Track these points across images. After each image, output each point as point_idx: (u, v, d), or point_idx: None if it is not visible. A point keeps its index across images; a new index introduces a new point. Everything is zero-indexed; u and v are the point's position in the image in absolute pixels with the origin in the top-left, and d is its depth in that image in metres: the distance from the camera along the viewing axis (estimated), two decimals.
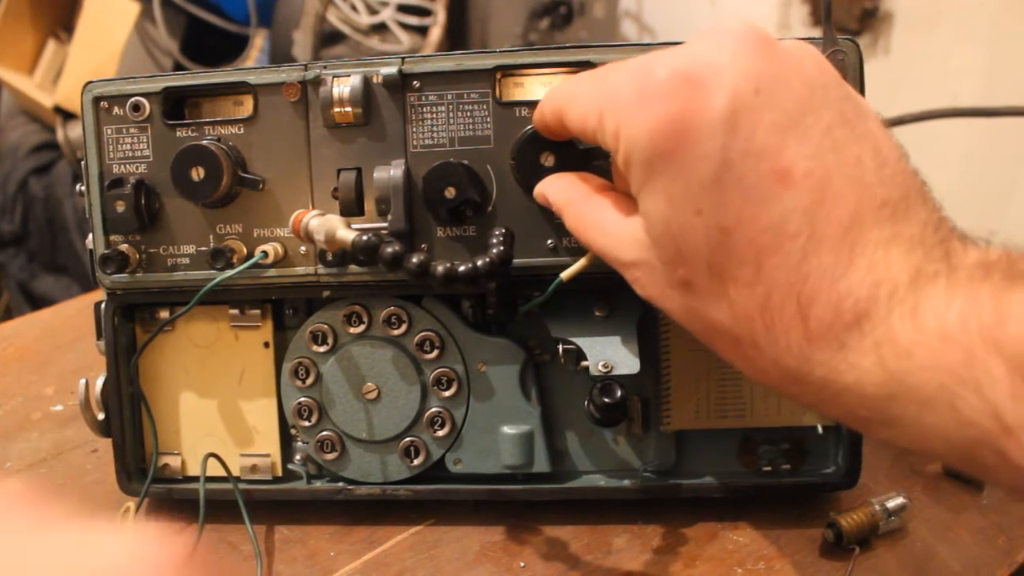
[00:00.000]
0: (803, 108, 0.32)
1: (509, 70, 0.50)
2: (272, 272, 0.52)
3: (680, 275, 0.34)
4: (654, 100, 0.33)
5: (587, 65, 0.50)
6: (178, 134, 0.52)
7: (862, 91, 0.49)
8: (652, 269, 0.36)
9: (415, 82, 0.50)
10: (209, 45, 1.77)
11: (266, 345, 0.55)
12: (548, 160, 0.49)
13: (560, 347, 0.52)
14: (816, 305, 0.31)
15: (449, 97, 0.50)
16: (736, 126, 0.31)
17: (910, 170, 0.33)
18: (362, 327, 0.54)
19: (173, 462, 0.56)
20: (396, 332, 0.53)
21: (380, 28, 1.81)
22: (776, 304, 0.31)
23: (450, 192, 0.49)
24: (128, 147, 0.52)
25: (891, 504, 0.51)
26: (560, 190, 0.43)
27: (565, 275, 0.48)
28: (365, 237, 0.46)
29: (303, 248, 0.52)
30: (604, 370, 0.49)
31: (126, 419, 0.55)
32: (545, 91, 0.50)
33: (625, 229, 0.37)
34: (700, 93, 0.32)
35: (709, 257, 0.32)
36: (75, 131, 1.66)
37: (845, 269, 0.30)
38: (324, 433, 0.54)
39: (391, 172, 0.50)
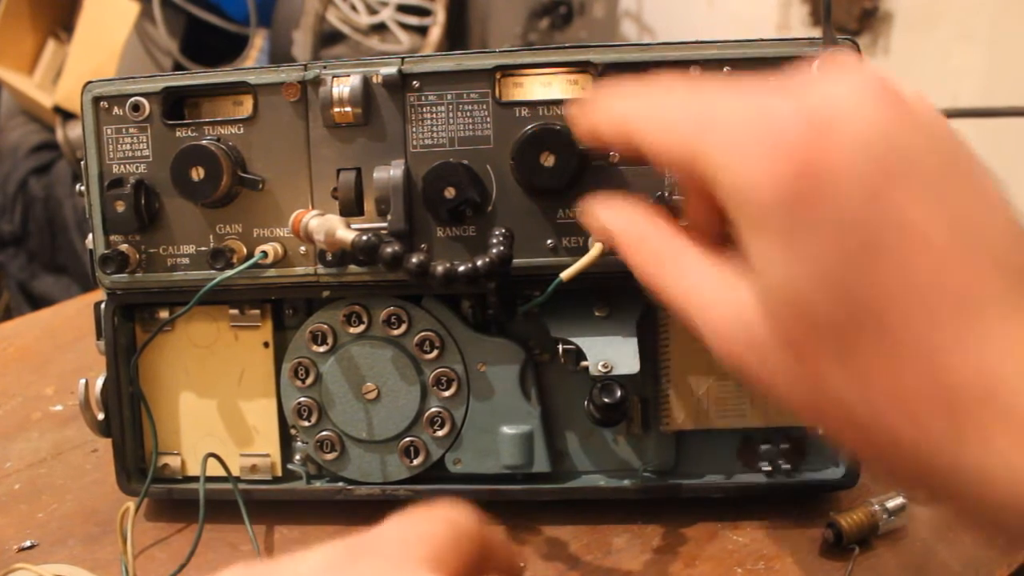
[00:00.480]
0: (942, 173, 0.29)
1: (509, 70, 0.50)
2: (272, 272, 0.52)
3: (802, 353, 0.29)
4: (778, 144, 0.28)
5: (587, 65, 0.50)
6: (178, 134, 0.52)
7: None
8: (754, 335, 0.31)
9: (415, 82, 0.50)
10: (209, 45, 1.77)
11: (266, 345, 0.55)
12: (548, 160, 0.49)
13: (560, 347, 0.52)
14: (954, 378, 0.27)
15: (449, 97, 0.50)
16: (875, 185, 0.28)
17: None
18: (362, 327, 0.54)
19: (173, 462, 0.56)
20: (396, 332, 0.53)
21: (380, 28, 1.82)
22: (911, 377, 0.28)
23: (450, 192, 0.49)
24: (128, 147, 0.52)
25: (891, 504, 0.51)
26: (628, 226, 0.36)
27: (565, 275, 0.48)
28: (365, 237, 0.46)
29: (303, 248, 0.52)
30: (604, 370, 0.49)
31: (126, 419, 0.55)
32: (545, 91, 0.51)
33: (725, 283, 0.32)
34: (835, 144, 0.28)
35: (842, 326, 0.28)
36: (75, 131, 1.66)
37: (989, 342, 0.27)
38: (324, 433, 0.54)
39: (391, 172, 0.50)
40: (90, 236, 0.53)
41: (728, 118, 0.30)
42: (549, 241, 0.51)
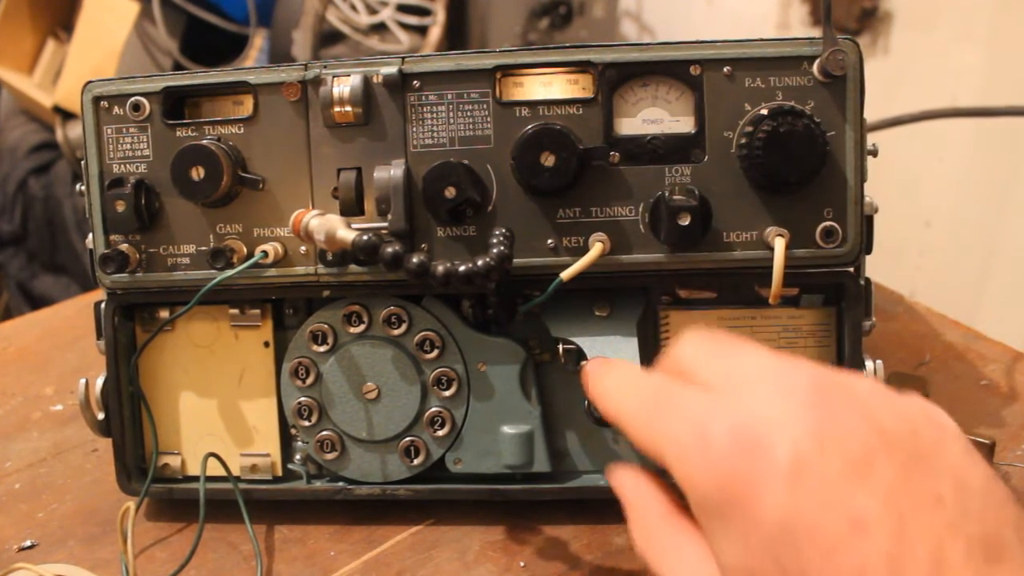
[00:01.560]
0: (871, 453, 0.31)
1: (509, 70, 0.50)
2: (272, 272, 0.52)
3: None
4: (716, 459, 0.33)
5: (587, 65, 0.50)
6: (178, 134, 0.52)
7: (862, 91, 0.49)
8: None
9: (415, 82, 0.50)
10: (209, 45, 1.77)
11: (266, 345, 0.55)
12: (548, 160, 0.49)
13: (560, 347, 0.52)
14: None
15: (449, 97, 0.50)
16: (801, 481, 0.31)
17: (1001, 500, 0.31)
18: (362, 327, 0.54)
19: (173, 462, 0.56)
20: (396, 332, 0.53)
21: (380, 28, 1.81)
22: None
23: (450, 192, 0.49)
24: (128, 147, 0.52)
25: None
26: (638, 496, 0.41)
27: (565, 275, 0.48)
28: (365, 237, 0.46)
29: (303, 248, 0.52)
30: None
31: (126, 419, 0.55)
32: (545, 91, 0.51)
33: (701, 568, 0.36)
34: (761, 453, 0.32)
35: None
36: (74, 131, 1.66)
37: None
38: (324, 433, 0.54)
39: (391, 172, 0.50)
40: (90, 236, 0.53)
41: (676, 438, 0.35)
42: (549, 241, 0.51)
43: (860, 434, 0.32)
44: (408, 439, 0.54)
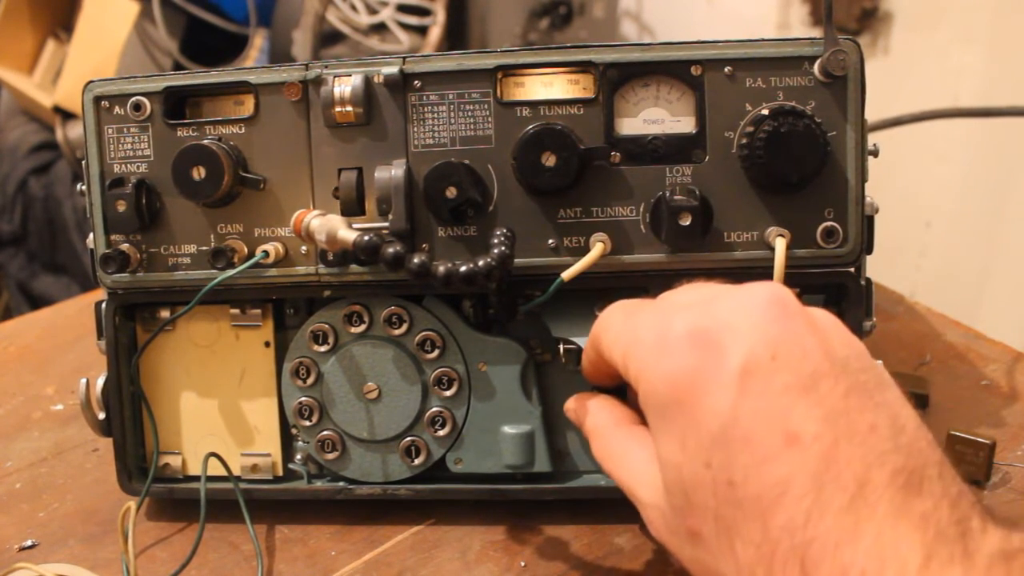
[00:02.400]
0: (819, 374, 0.32)
1: (510, 70, 0.50)
2: (273, 272, 0.52)
3: (689, 525, 0.34)
4: (671, 353, 0.34)
5: (588, 65, 0.50)
6: (179, 134, 0.52)
7: (863, 92, 0.49)
8: (664, 514, 0.36)
9: (416, 82, 0.50)
10: (209, 45, 1.77)
11: (267, 345, 0.55)
12: (549, 160, 0.49)
13: (561, 347, 0.52)
14: (820, 571, 0.30)
15: (450, 97, 0.50)
16: (748, 386, 0.32)
17: (929, 442, 0.33)
18: (363, 327, 0.54)
19: (174, 462, 0.56)
20: (397, 332, 0.53)
21: (380, 28, 1.81)
22: (780, 564, 0.31)
23: (451, 192, 0.49)
24: (129, 147, 0.52)
25: None
26: (591, 415, 0.44)
27: (566, 275, 0.48)
28: (366, 237, 0.46)
29: (304, 248, 0.52)
30: None
31: (127, 419, 0.55)
32: (546, 91, 0.51)
33: (648, 469, 0.38)
34: (716, 352, 0.33)
35: (717, 510, 0.33)
36: (74, 131, 1.66)
37: (851, 537, 0.30)
38: (325, 433, 0.54)
39: (392, 172, 0.50)
40: (91, 236, 0.53)
41: (640, 333, 0.37)
42: (550, 241, 0.51)
43: (812, 354, 0.33)
44: (409, 439, 0.54)
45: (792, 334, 0.33)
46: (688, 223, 0.48)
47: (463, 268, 0.46)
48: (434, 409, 0.54)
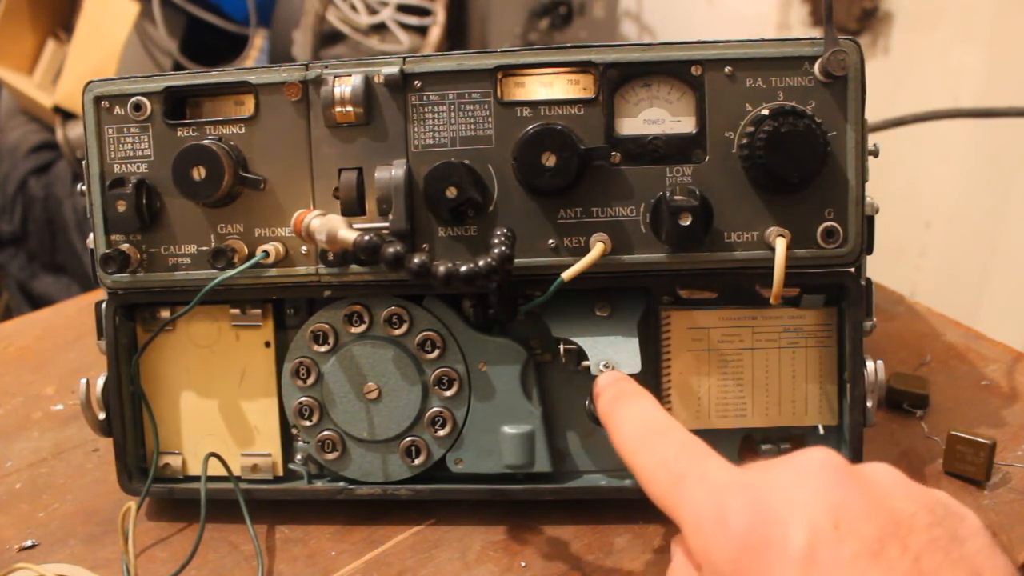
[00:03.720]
0: (886, 537, 0.31)
1: (510, 70, 0.50)
2: (273, 272, 0.52)
3: None
4: (731, 537, 0.33)
5: (588, 65, 0.50)
6: (179, 134, 0.52)
7: (863, 92, 0.49)
8: None
9: (416, 82, 0.50)
10: (208, 45, 1.76)
11: (267, 345, 0.55)
12: (549, 160, 0.49)
13: (561, 347, 0.52)
14: None
15: (450, 97, 0.50)
16: (815, 559, 0.31)
17: (1011, 570, 0.32)
18: (363, 327, 0.54)
19: (174, 462, 0.56)
20: (397, 332, 0.53)
21: (380, 28, 1.81)
22: None
23: (451, 192, 0.49)
24: (129, 147, 0.52)
25: None
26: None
27: (566, 275, 0.48)
28: (366, 237, 0.46)
29: (304, 248, 0.52)
30: (605, 370, 0.49)
31: (127, 419, 0.55)
32: (546, 91, 0.51)
33: None
34: (778, 530, 0.32)
35: None
36: (74, 131, 1.66)
37: None
38: (325, 433, 0.54)
39: (392, 172, 0.50)
40: (91, 236, 0.53)
41: (697, 511, 0.35)
42: (551, 241, 0.51)
43: (875, 518, 0.31)
44: (409, 439, 0.54)
45: (851, 498, 0.32)
46: (688, 223, 0.48)
47: (463, 268, 0.46)
48: (434, 409, 0.54)
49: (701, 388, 0.54)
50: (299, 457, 0.56)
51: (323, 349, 0.54)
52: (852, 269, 0.51)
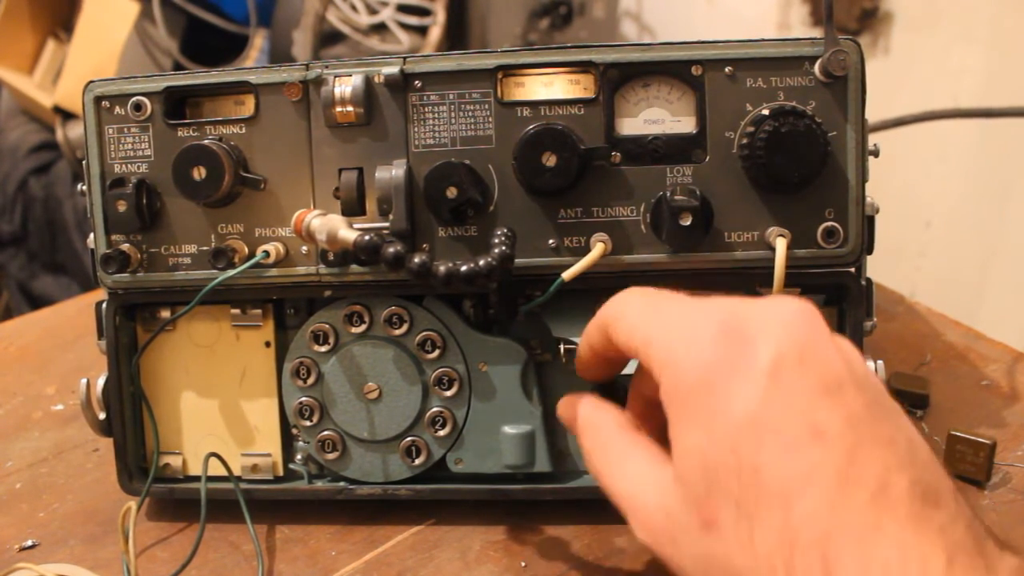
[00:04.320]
0: (842, 383, 0.33)
1: (510, 70, 0.50)
2: (273, 272, 0.52)
3: (705, 515, 0.34)
4: (702, 343, 0.35)
5: (589, 65, 0.50)
6: (179, 134, 0.52)
7: (863, 92, 0.49)
8: (670, 513, 0.36)
9: (417, 82, 0.50)
10: (209, 45, 1.77)
11: (267, 345, 0.55)
12: (550, 160, 0.49)
13: (562, 347, 0.52)
14: (841, 564, 0.30)
15: (451, 97, 0.50)
16: (778, 380, 0.33)
17: (942, 470, 0.33)
18: (363, 327, 0.54)
19: (174, 462, 0.56)
20: (397, 332, 0.53)
21: (380, 28, 1.81)
22: (801, 554, 0.31)
23: (452, 192, 0.49)
24: (129, 147, 0.52)
25: None
26: (589, 416, 0.44)
27: (567, 275, 0.48)
28: (367, 237, 0.46)
29: (304, 248, 0.52)
30: None
31: (127, 418, 0.55)
32: (547, 91, 0.51)
33: (650, 471, 0.38)
34: (747, 346, 0.34)
35: (739, 495, 0.33)
36: (75, 131, 1.66)
37: (873, 532, 0.30)
38: (325, 433, 0.54)
39: (393, 172, 0.50)
40: (91, 236, 0.53)
41: (670, 322, 0.37)
42: (551, 241, 0.51)
43: (836, 364, 0.34)
44: (409, 439, 0.54)
45: (819, 342, 0.34)
46: (689, 223, 0.48)
47: (464, 268, 0.46)
48: (434, 409, 0.54)
49: None
50: (299, 457, 0.56)
51: (323, 349, 0.54)
52: (852, 269, 0.51)
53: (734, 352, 0.34)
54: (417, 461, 0.54)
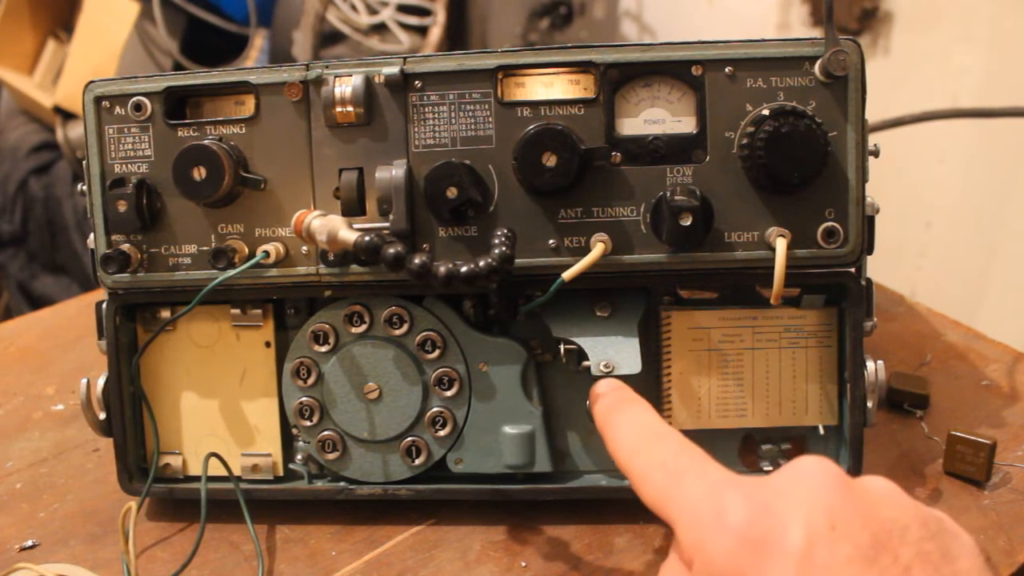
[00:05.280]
0: (879, 546, 0.31)
1: (511, 70, 0.50)
2: (273, 272, 0.52)
3: None
4: (729, 532, 0.33)
5: (589, 65, 0.50)
6: (180, 134, 0.52)
7: (863, 92, 0.49)
8: None
9: (417, 82, 0.50)
10: (209, 45, 1.76)
11: (267, 345, 0.55)
12: (550, 160, 0.49)
13: (561, 347, 0.52)
14: None
15: (451, 97, 0.50)
16: (811, 556, 0.31)
17: None
18: (363, 327, 0.54)
19: (174, 462, 0.56)
20: (397, 332, 0.53)
21: (380, 28, 1.81)
22: None
23: (452, 192, 0.49)
24: (130, 147, 0.52)
25: None
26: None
27: (567, 275, 0.48)
28: (367, 237, 0.46)
29: (304, 248, 0.52)
30: (605, 370, 0.49)
31: (127, 419, 0.55)
32: (547, 91, 0.51)
33: None
34: (776, 525, 0.32)
35: None
36: (75, 131, 1.66)
37: None
38: (325, 433, 0.54)
39: (393, 172, 0.50)
40: (91, 236, 0.53)
41: (694, 504, 0.35)
42: (551, 241, 0.51)
43: (870, 524, 0.32)
44: (409, 439, 0.54)
45: (847, 503, 0.33)
46: (689, 223, 0.48)
47: (464, 268, 0.46)
48: (435, 409, 0.54)
49: (701, 388, 0.54)
50: (299, 457, 0.56)
51: (323, 349, 0.54)
52: (852, 269, 0.51)
53: (764, 533, 0.32)
54: (417, 461, 0.54)
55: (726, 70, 0.49)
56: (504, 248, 0.47)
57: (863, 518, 0.32)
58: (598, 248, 0.50)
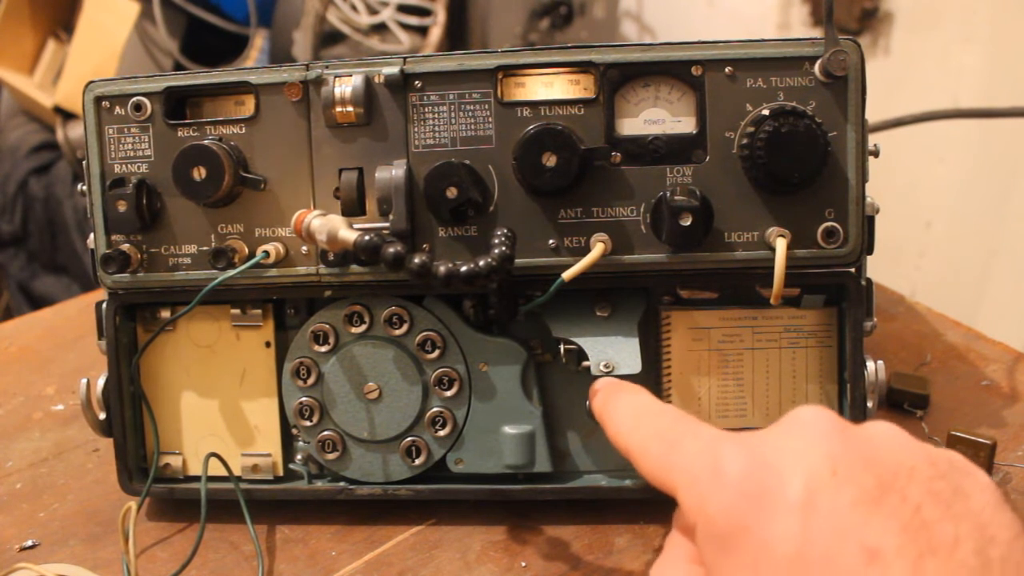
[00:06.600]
0: (885, 487, 0.30)
1: (511, 70, 0.50)
2: (273, 272, 0.52)
3: None
4: (728, 487, 0.32)
5: (589, 65, 0.50)
6: (180, 134, 0.52)
7: (863, 92, 0.49)
8: None
9: (417, 82, 0.50)
10: (209, 45, 1.76)
11: (267, 345, 0.55)
12: (550, 160, 0.49)
13: (562, 347, 0.52)
14: None
15: (451, 97, 0.50)
16: (815, 504, 0.30)
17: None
18: (363, 327, 0.54)
19: (174, 462, 0.56)
20: (397, 332, 0.53)
21: (380, 28, 1.81)
22: None
23: (452, 192, 0.49)
24: (130, 147, 0.52)
25: None
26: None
27: (567, 275, 0.48)
28: (367, 237, 0.46)
29: (304, 248, 0.52)
30: (606, 370, 0.49)
31: (127, 419, 0.55)
32: (547, 91, 0.51)
33: None
34: (775, 477, 0.32)
35: None
36: (75, 131, 1.66)
37: None
38: (325, 433, 0.54)
39: (393, 172, 0.50)
40: (92, 236, 0.53)
41: (692, 465, 0.35)
42: (551, 241, 0.51)
43: (873, 467, 0.31)
44: (409, 439, 0.54)
45: (848, 448, 0.32)
46: (689, 223, 0.48)
47: (464, 268, 0.46)
48: (435, 409, 0.54)
49: (701, 388, 0.54)
50: (299, 457, 0.56)
51: (323, 349, 0.54)
52: (852, 269, 0.51)
53: (765, 485, 0.32)
54: (417, 461, 0.54)
55: (726, 70, 0.49)
56: (504, 248, 0.47)
57: (866, 461, 0.31)
58: (598, 248, 0.50)
